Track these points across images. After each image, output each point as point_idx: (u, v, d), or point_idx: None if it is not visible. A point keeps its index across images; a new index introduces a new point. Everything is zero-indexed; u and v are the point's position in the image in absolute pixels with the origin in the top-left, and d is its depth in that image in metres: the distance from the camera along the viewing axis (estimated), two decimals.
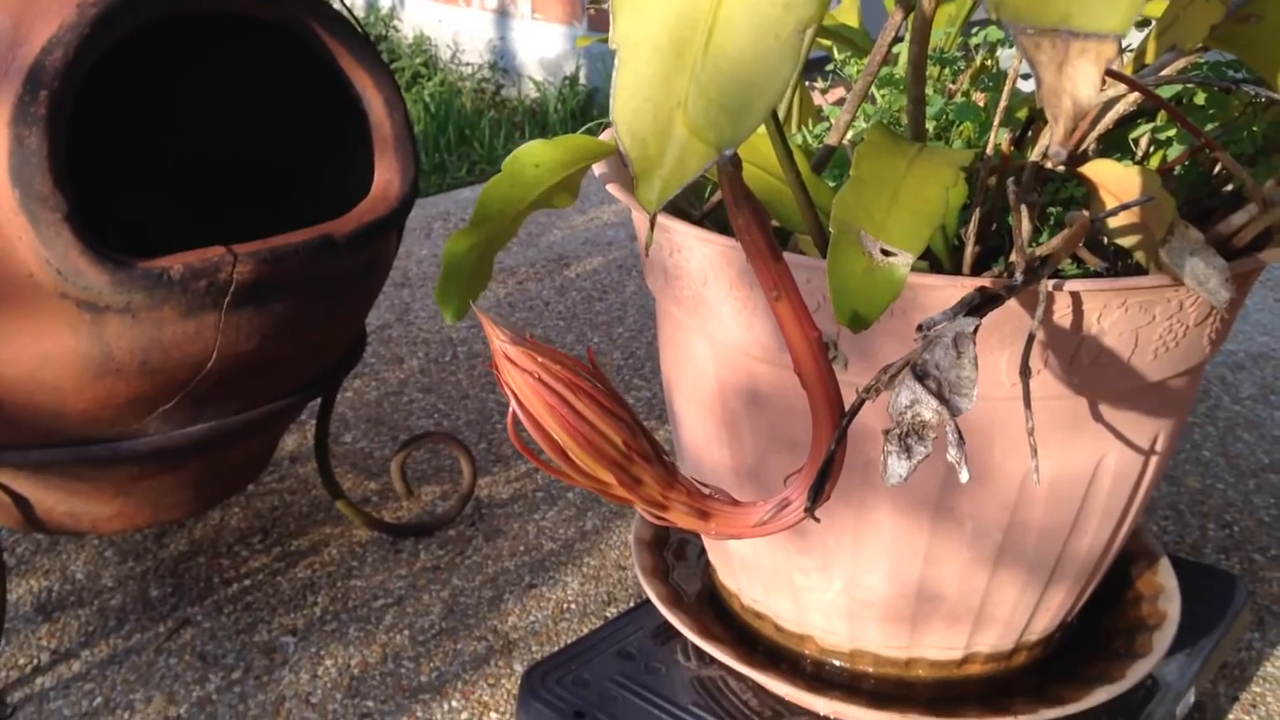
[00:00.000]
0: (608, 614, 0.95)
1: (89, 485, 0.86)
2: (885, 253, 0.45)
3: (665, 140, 0.28)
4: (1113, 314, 0.58)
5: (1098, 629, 0.77)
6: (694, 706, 0.73)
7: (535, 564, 1.02)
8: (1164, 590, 0.78)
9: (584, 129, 2.55)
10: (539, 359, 0.34)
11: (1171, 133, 0.65)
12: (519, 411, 0.35)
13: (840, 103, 0.82)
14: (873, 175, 0.48)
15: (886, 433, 0.34)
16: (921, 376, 0.34)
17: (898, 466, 0.33)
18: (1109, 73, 0.55)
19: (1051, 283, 0.55)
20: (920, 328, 0.38)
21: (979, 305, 0.40)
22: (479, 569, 1.01)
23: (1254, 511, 1.12)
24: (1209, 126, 0.65)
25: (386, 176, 0.89)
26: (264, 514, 1.08)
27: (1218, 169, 0.65)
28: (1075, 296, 0.56)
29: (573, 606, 0.96)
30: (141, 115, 1.02)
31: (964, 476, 0.34)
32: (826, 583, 0.68)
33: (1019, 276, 0.44)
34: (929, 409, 0.34)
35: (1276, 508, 1.12)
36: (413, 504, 1.10)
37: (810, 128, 0.75)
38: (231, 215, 0.99)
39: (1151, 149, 0.67)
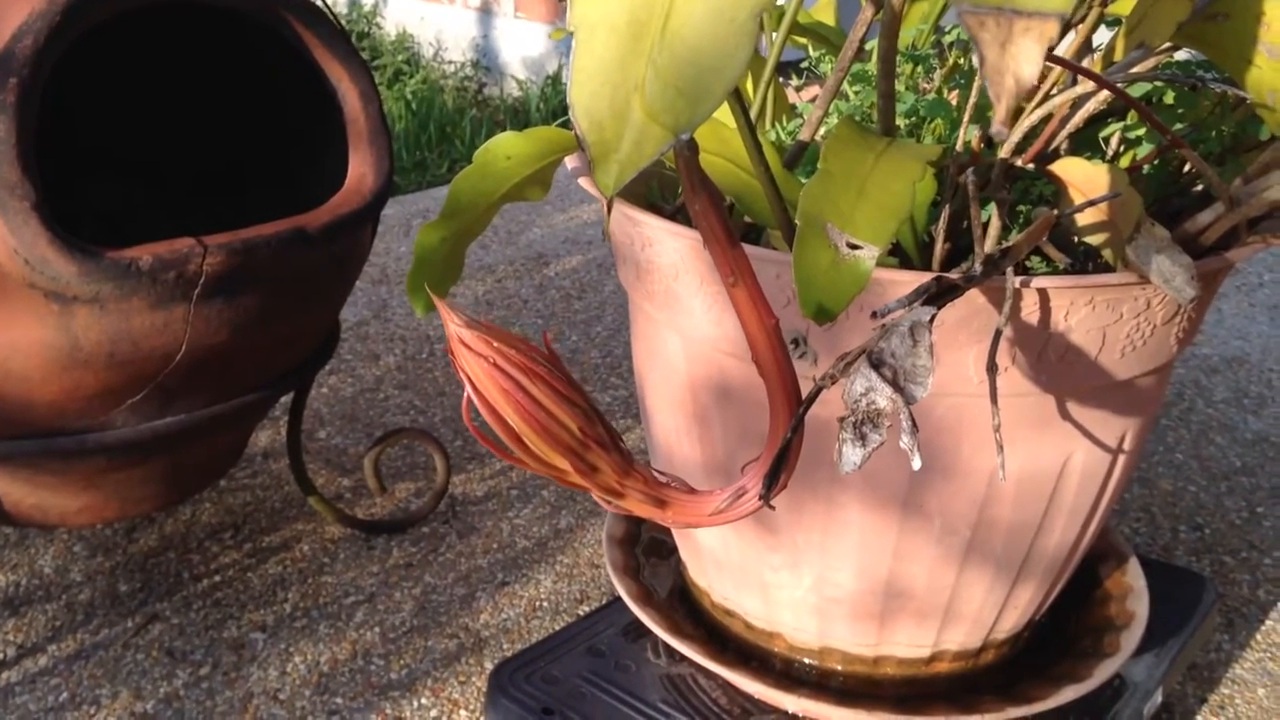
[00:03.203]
0: (580, 612, 0.95)
1: (56, 478, 0.85)
2: (852, 245, 0.45)
3: (622, 124, 0.28)
4: (1080, 311, 0.58)
5: (1065, 628, 0.77)
6: (663, 704, 0.73)
7: (508, 561, 1.01)
8: (1132, 590, 0.78)
9: (559, 122, 2.55)
10: (494, 344, 0.34)
11: (1141, 131, 0.66)
12: (474, 396, 0.34)
13: (815, 100, 0.82)
14: (840, 169, 0.48)
15: (842, 420, 0.34)
16: (877, 365, 0.34)
17: (852, 454, 0.33)
18: (1079, 70, 0.55)
19: (1019, 279, 0.55)
20: (875, 314, 0.38)
21: (936, 295, 0.40)
22: (452, 566, 1.01)
23: (1225, 514, 1.12)
24: (1177, 126, 0.66)
25: (361, 170, 0.88)
26: (236, 509, 1.07)
27: (1187, 168, 0.66)
28: (1042, 293, 0.56)
29: (545, 604, 0.96)
30: (115, 106, 1.01)
31: (916, 464, 0.34)
32: (796, 580, 0.68)
33: (977, 267, 0.44)
34: (884, 397, 0.33)
35: (1248, 510, 1.13)
36: (386, 501, 1.09)
37: (784, 124, 0.75)
38: (207, 209, 0.99)
39: (1121, 148, 0.67)
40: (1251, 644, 0.95)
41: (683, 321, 0.64)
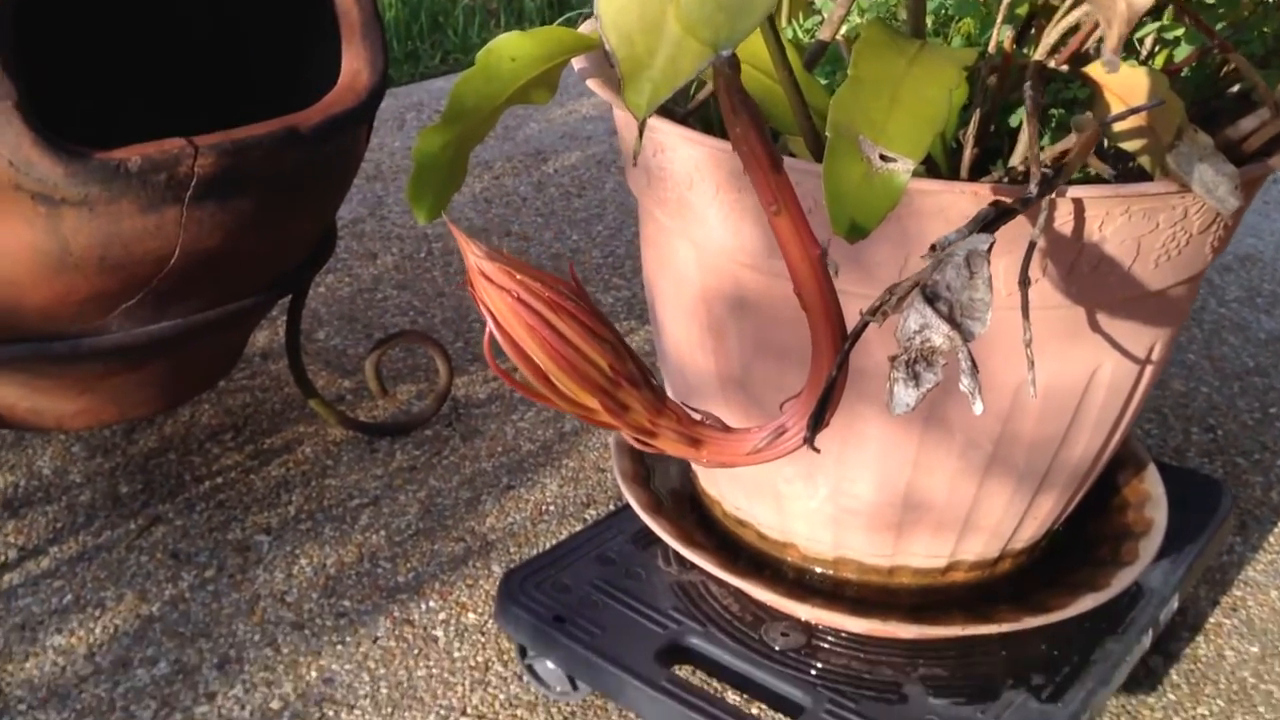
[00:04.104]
0: (586, 516, 0.94)
1: (52, 382, 0.83)
2: (884, 158, 0.42)
3: (656, 38, 0.26)
4: (1115, 221, 0.55)
5: (1083, 536, 0.76)
6: (675, 611, 0.72)
7: (513, 465, 1.00)
8: (1151, 497, 0.77)
9: (563, 19, 2.48)
10: (518, 276, 0.32)
11: (1179, 32, 0.62)
12: (496, 332, 0.32)
13: None
14: (872, 75, 0.45)
15: (893, 359, 0.32)
16: (932, 299, 0.32)
17: (904, 394, 0.31)
18: None
19: (1035, 163, 0.53)
20: (933, 247, 0.35)
21: (992, 220, 0.37)
22: (456, 470, 0.99)
23: (1238, 415, 1.11)
24: (1218, 26, 0.62)
25: (355, 66, 0.85)
26: (235, 411, 1.06)
27: (1225, 70, 0.63)
28: (1077, 204, 0.54)
29: (551, 508, 0.95)
30: (100, 17, 0.97)
31: (978, 408, 0.32)
32: (811, 491, 0.66)
33: (1033, 188, 0.41)
34: (939, 334, 0.31)
35: (1260, 411, 1.12)
36: (388, 403, 1.08)
37: (801, 21, 0.71)
38: (202, 119, 0.95)
39: (1157, 49, 0.64)
40: (1264, 546, 0.94)
41: (696, 231, 0.61)
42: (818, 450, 0.35)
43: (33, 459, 0.98)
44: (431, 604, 0.85)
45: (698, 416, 0.36)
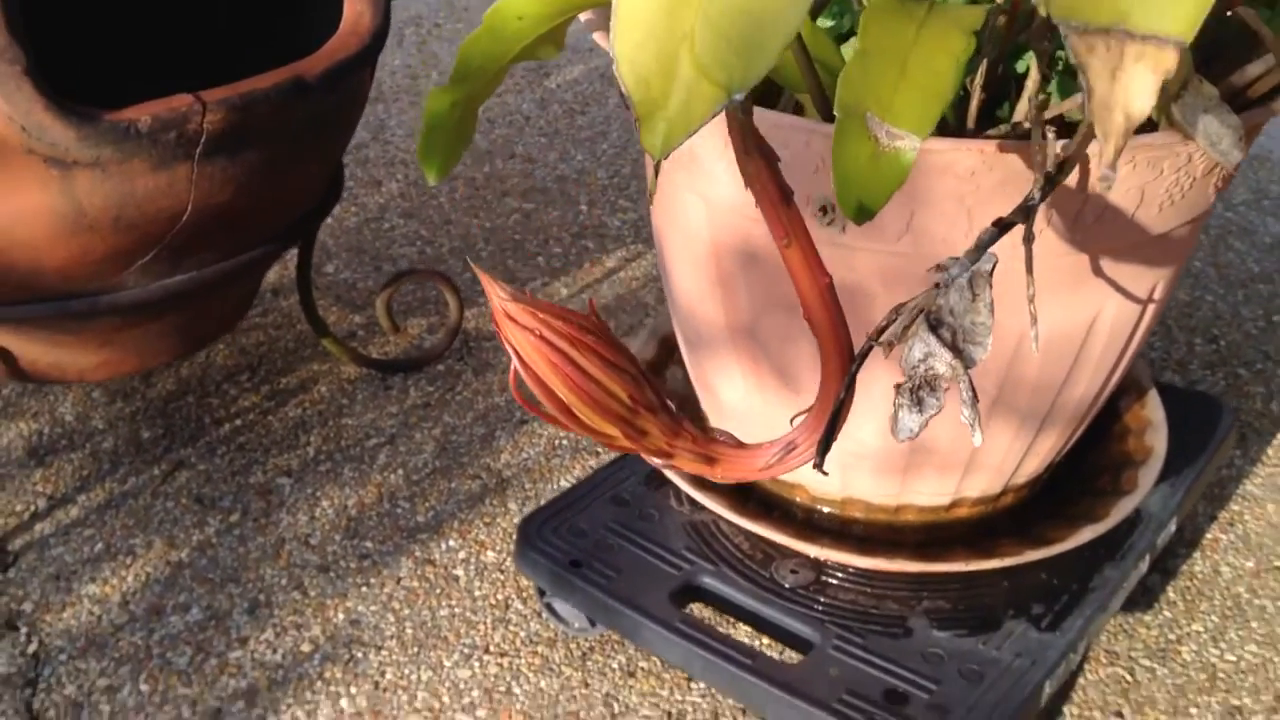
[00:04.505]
0: (599, 449, 0.96)
1: (73, 337, 0.85)
2: (892, 135, 0.43)
3: (670, 80, 0.26)
4: (1120, 171, 0.56)
5: (1085, 465, 0.78)
6: (688, 551, 0.75)
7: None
8: (1151, 424, 0.79)
9: None
10: (540, 315, 0.33)
11: None
12: (520, 369, 0.34)
13: None
14: (879, 46, 0.45)
15: (898, 386, 0.33)
16: (935, 326, 0.33)
17: (909, 420, 0.33)
18: None
19: (1060, 143, 0.53)
20: (938, 268, 0.36)
21: (993, 238, 0.38)
22: (469, 405, 1.01)
23: (1241, 324, 1.12)
24: None
25: (357, 8, 0.84)
26: (250, 350, 1.07)
27: (1231, 10, 0.62)
28: (1082, 158, 0.54)
29: (564, 442, 0.97)
30: None
31: (977, 440, 0.34)
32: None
33: (1036, 193, 0.42)
34: (943, 362, 0.33)
35: (1264, 319, 1.13)
36: (399, 339, 1.09)
37: None
38: (206, 70, 0.95)
39: None
40: (1263, 459, 0.96)
41: (704, 185, 0.62)
42: (826, 474, 0.37)
43: (55, 405, 1.00)
44: (451, 543, 0.87)
45: (712, 435, 0.38)
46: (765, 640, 0.77)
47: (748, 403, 0.70)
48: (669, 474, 0.75)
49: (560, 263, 1.21)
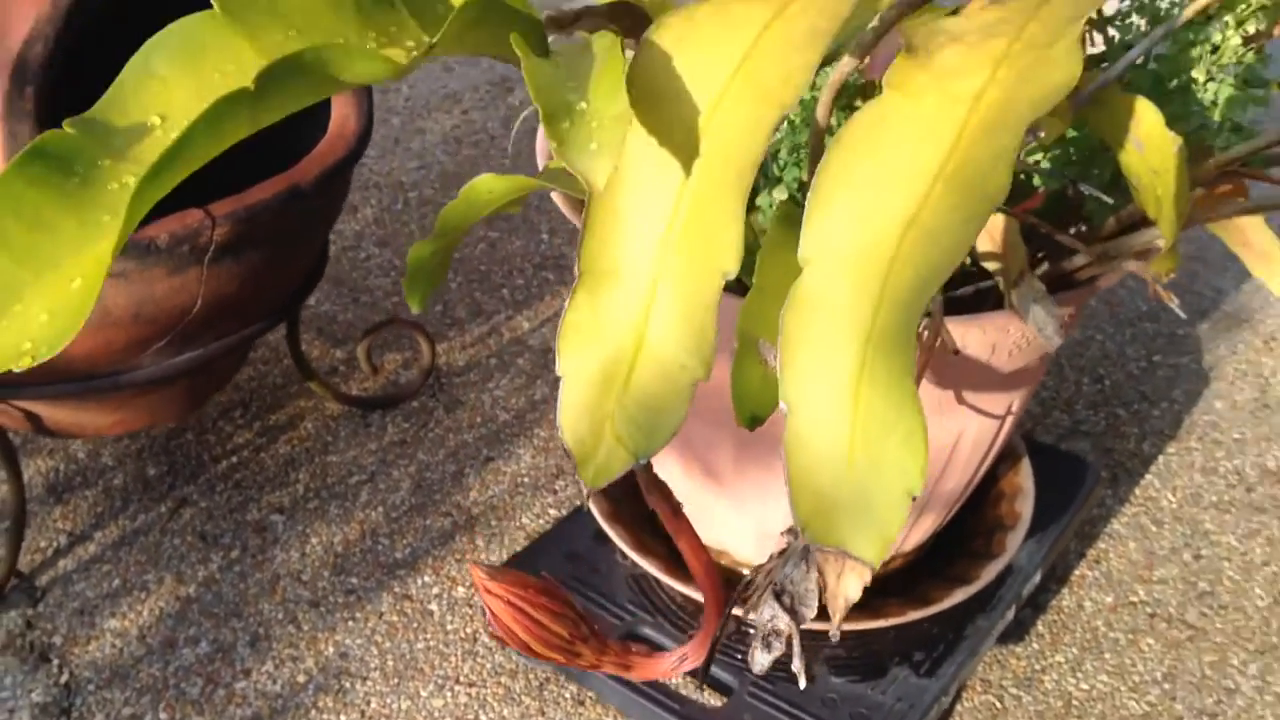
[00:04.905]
0: (557, 486, 1.09)
1: (94, 404, 0.97)
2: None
3: (598, 442, 0.39)
4: (973, 334, 0.69)
5: (965, 527, 0.92)
6: (629, 603, 0.88)
7: (491, 436, 1.15)
8: (1021, 491, 0.93)
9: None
10: (507, 586, 0.45)
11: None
12: (493, 622, 0.46)
13: None
14: (771, 283, 0.58)
15: (752, 633, 0.46)
16: (779, 594, 0.46)
17: (762, 658, 0.46)
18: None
19: (936, 306, 0.66)
20: (784, 532, 0.49)
21: None
22: (441, 442, 1.14)
23: (1125, 364, 1.26)
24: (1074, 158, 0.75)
25: (343, 112, 0.96)
26: (242, 386, 1.19)
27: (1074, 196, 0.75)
28: (945, 329, 0.67)
29: (526, 480, 1.10)
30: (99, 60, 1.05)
31: (801, 684, 0.46)
32: (740, 519, 0.82)
33: None
34: (783, 621, 0.45)
35: (1146, 359, 1.27)
36: (377, 377, 1.21)
37: None
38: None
39: (1022, 176, 0.76)
40: (1130, 499, 1.11)
41: None
42: (703, 686, 0.50)
43: (68, 443, 1.12)
44: (426, 579, 1.01)
45: (629, 648, 0.50)
46: (693, 684, 0.91)
47: (683, 487, 0.83)
48: (611, 535, 0.88)
49: (523, 295, 1.33)
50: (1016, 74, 0.35)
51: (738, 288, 0.66)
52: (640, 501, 0.93)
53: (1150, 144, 0.58)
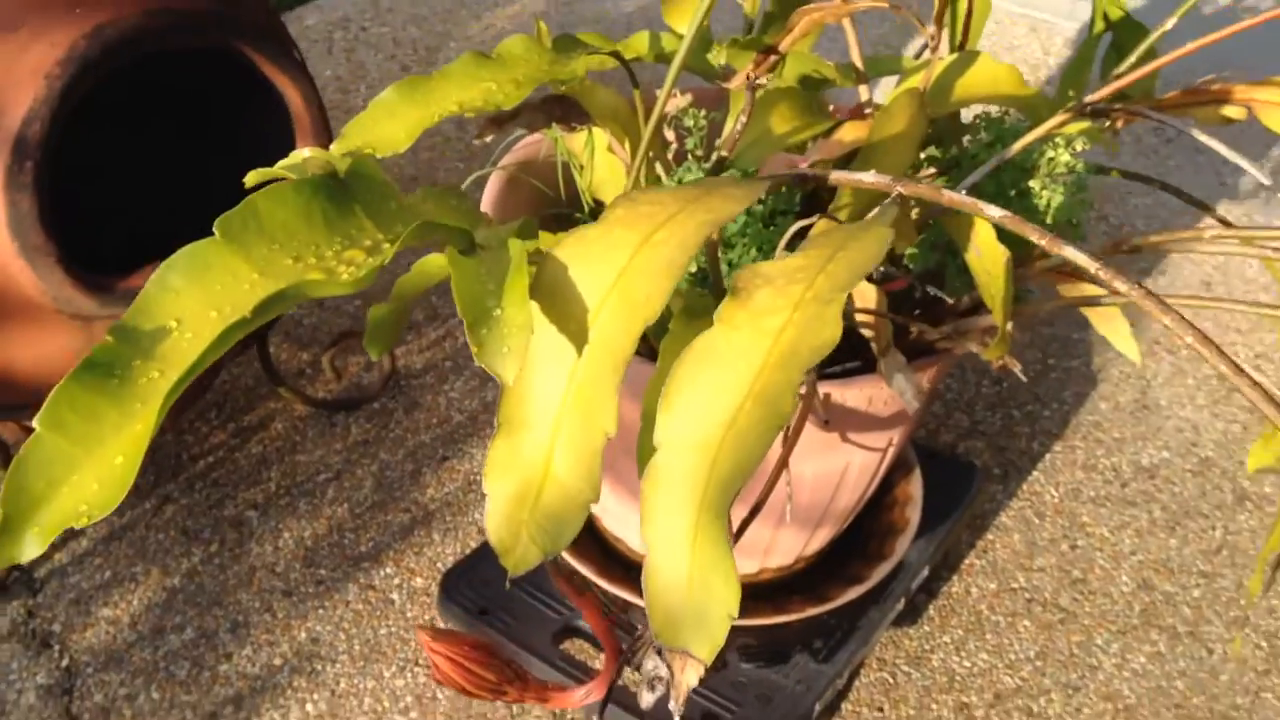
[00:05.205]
0: None
1: None
2: None
3: (516, 543, 0.50)
4: (852, 393, 0.81)
5: (862, 531, 1.05)
6: (566, 600, 1.01)
7: (446, 436, 1.26)
8: (912, 499, 1.06)
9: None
10: (448, 644, 0.57)
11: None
12: (436, 672, 0.58)
13: (684, 115, 0.99)
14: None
15: (638, 677, 0.58)
16: (659, 650, 0.58)
17: (648, 697, 0.58)
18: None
19: (808, 380, 0.78)
20: None
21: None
22: (401, 443, 1.26)
23: (1024, 366, 1.39)
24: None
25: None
26: (216, 389, 1.30)
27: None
28: (827, 393, 0.80)
29: (478, 478, 1.22)
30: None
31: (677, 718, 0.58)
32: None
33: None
34: (663, 669, 0.57)
35: (1041, 363, 1.40)
36: (341, 380, 1.32)
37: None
38: (178, 197, 1.16)
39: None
40: (1018, 494, 1.24)
41: None
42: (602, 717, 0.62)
43: None
44: (388, 570, 1.13)
45: (547, 684, 0.62)
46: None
47: (609, 500, 0.96)
48: None
49: None
50: (805, 319, 0.47)
51: (649, 353, 0.78)
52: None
53: (985, 253, 0.70)
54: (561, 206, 0.96)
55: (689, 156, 0.91)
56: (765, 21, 0.90)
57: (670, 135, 0.96)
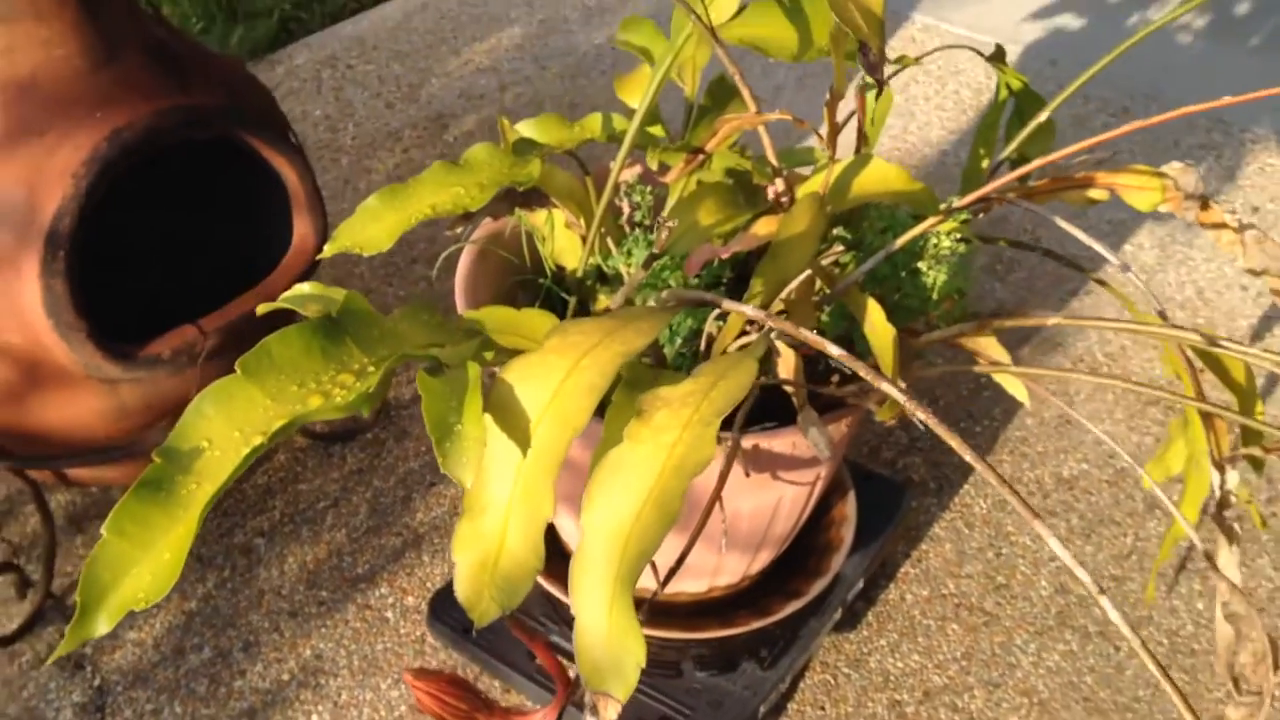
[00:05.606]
0: None
1: (112, 465, 1.20)
2: None
3: (480, 600, 0.63)
4: (777, 441, 0.94)
5: (801, 549, 1.18)
6: (543, 617, 1.14)
7: (433, 464, 1.39)
8: (847, 519, 1.19)
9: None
10: (428, 680, 0.70)
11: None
12: (420, 703, 0.71)
13: (632, 191, 1.12)
14: (614, 431, 0.82)
15: (583, 704, 0.71)
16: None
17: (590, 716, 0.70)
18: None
19: (733, 436, 0.91)
20: None
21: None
22: (392, 470, 1.39)
23: (957, 386, 1.52)
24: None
25: (303, 231, 1.19)
26: None
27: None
28: (755, 443, 0.93)
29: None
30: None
31: None
32: None
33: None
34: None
35: (974, 382, 1.53)
36: None
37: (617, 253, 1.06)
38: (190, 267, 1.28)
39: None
40: (950, 506, 1.38)
41: None
42: None
43: None
44: (383, 590, 1.26)
45: (508, 709, 0.75)
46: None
47: (566, 526, 1.09)
48: None
49: None
50: (692, 438, 0.60)
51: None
52: (551, 541, 1.19)
53: (876, 329, 0.83)
54: (527, 273, 1.09)
55: (636, 227, 1.04)
56: (699, 113, 1.03)
57: (623, 204, 1.09)
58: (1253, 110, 2.01)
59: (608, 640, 0.59)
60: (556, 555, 1.18)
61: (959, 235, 0.86)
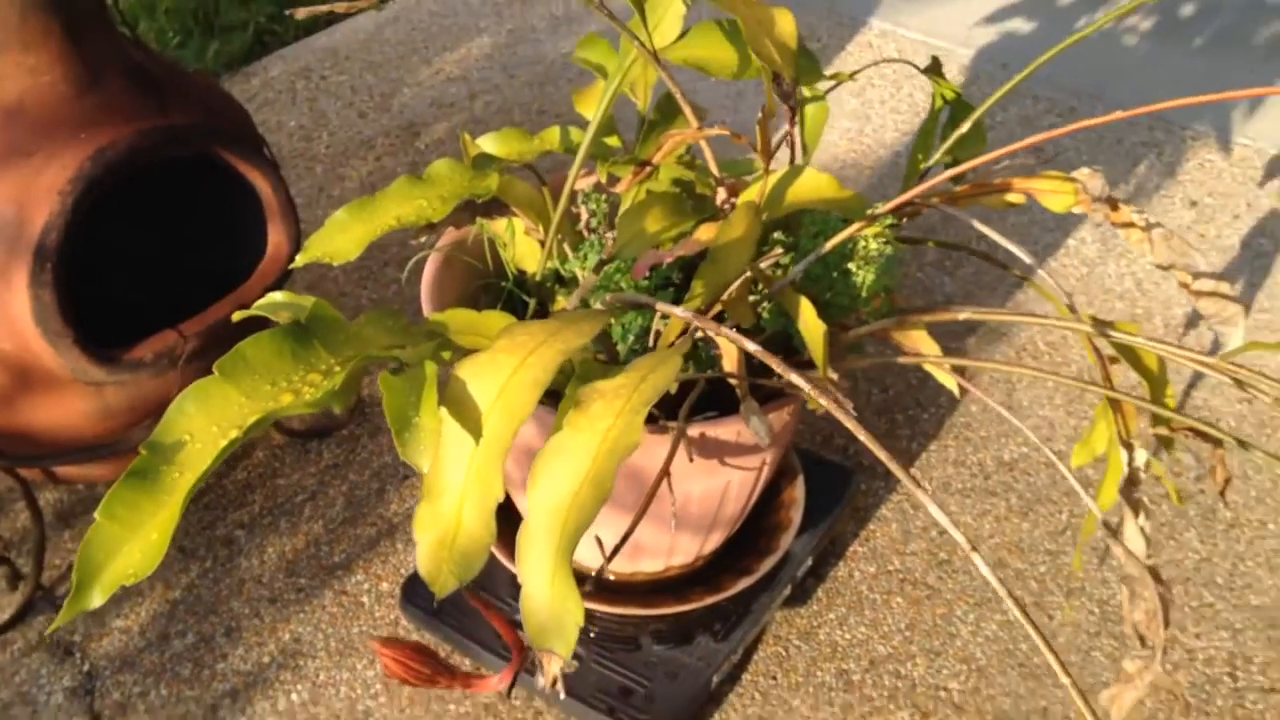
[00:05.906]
0: None
1: (98, 463, 1.27)
2: None
3: (439, 574, 0.70)
4: (721, 429, 1.02)
5: (753, 529, 1.26)
6: (510, 598, 1.21)
7: None
8: (796, 501, 1.27)
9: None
10: (394, 646, 0.77)
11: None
12: (386, 670, 0.78)
13: (588, 199, 1.19)
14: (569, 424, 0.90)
15: (533, 653, 0.78)
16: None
17: (540, 681, 0.77)
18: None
19: (677, 425, 0.98)
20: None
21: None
22: (367, 465, 1.46)
23: (906, 375, 1.60)
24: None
25: (278, 239, 1.25)
26: None
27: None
28: (702, 431, 1.00)
29: None
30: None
31: (562, 695, 0.78)
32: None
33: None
34: (556, 666, 0.78)
35: (922, 370, 1.60)
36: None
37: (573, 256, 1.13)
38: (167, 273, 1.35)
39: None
40: (897, 488, 1.45)
41: None
42: (512, 699, 0.82)
43: None
44: (359, 577, 1.33)
45: (469, 673, 0.82)
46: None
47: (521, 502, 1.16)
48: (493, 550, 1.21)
49: None
50: (624, 425, 0.67)
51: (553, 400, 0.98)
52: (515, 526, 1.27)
53: (808, 325, 0.90)
54: (490, 277, 1.16)
55: (593, 233, 1.12)
56: (649, 127, 1.10)
57: (581, 211, 1.16)
58: (1194, 109, 2.10)
59: (550, 604, 0.66)
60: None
61: (885, 238, 0.93)
